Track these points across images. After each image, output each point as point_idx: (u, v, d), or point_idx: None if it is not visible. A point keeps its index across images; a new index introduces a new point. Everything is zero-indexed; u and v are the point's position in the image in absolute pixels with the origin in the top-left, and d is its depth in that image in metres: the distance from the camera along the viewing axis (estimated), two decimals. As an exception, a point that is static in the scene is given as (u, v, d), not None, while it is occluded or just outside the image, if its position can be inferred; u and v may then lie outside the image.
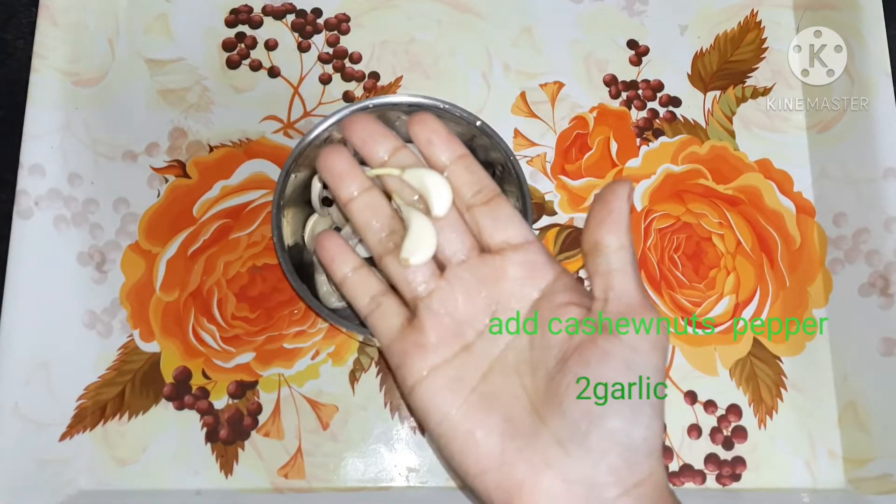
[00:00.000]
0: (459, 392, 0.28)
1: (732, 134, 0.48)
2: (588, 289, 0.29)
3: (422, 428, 0.42)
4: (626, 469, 0.26)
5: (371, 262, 0.32)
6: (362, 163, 0.32)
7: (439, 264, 0.30)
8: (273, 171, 0.46)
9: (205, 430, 0.42)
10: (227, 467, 0.42)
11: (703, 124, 0.48)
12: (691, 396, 0.44)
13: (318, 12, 0.49)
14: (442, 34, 0.49)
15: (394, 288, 0.31)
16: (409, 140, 0.32)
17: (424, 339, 0.29)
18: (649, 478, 0.26)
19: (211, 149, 0.46)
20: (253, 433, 0.42)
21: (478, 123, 0.40)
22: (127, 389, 0.42)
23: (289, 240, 0.41)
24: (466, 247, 0.30)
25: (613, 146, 0.47)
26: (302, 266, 0.42)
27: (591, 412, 0.26)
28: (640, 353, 0.26)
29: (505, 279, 0.29)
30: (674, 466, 0.43)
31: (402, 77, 0.48)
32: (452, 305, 0.29)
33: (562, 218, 0.46)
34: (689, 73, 0.49)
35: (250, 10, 0.49)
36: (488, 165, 0.40)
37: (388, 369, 0.40)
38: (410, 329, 0.29)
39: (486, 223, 0.30)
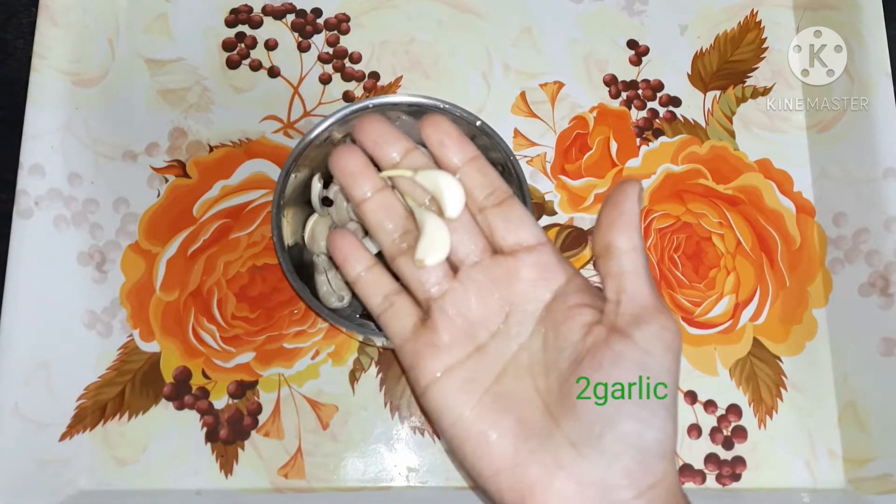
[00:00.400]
0: (473, 393, 0.28)
1: (732, 134, 0.48)
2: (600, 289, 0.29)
3: (434, 428, 0.42)
4: (639, 471, 0.26)
5: (379, 256, 0.32)
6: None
7: (452, 265, 0.30)
8: (273, 171, 0.46)
9: (205, 430, 0.42)
10: (227, 467, 0.42)
11: (703, 124, 0.48)
12: (691, 396, 0.44)
13: (318, 12, 0.49)
14: (442, 34, 0.49)
15: (406, 288, 0.31)
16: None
17: (438, 340, 0.29)
18: (662, 480, 0.26)
19: (211, 149, 0.46)
20: (253, 433, 0.42)
21: (478, 123, 0.40)
22: (127, 389, 0.42)
23: (289, 240, 0.41)
24: (479, 248, 0.30)
25: (613, 146, 0.47)
26: (302, 266, 0.42)
27: (604, 414, 0.26)
28: (653, 356, 0.26)
29: (518, 280, 0.29)
30: (674, 466, 0.43)
31: (402, 77, 0.48)
32: (465, 306, 0.29)
33: (562, 218, 0.46)
34: (689, 73, 0.49)
35: (250, 10, 0.49)
36: (488, 165, 0.40)
37: (401, 369, 0.40)
38: (423, 329, 0.29)
39: (499, 225, 0.30)
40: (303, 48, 0.48)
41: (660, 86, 0.48)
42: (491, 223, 0.30)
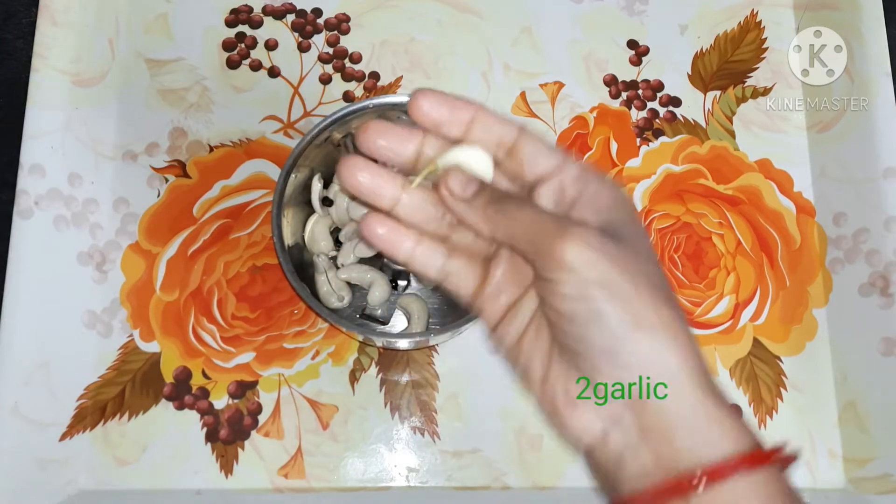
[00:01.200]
0: (523, 326, 0.29)
1: (732, 134, 0.48)
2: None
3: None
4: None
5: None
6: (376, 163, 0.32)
7: None
8: (273, 171, 0.46)
9: (205, 430, 0.42)
10: (227, 467, 0.42)
11: (703, 124, 0.48)
12: (691, 396, 0.44)
13: (318, 12, 0.49)
14: (442, 34, 0.49)
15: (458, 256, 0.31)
16: None
17: (493, 291, 0.30)
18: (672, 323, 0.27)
19: (211, 149, 0.46)
20: (253, 433, 0.42)
21: (478, 123, 0.40)
22: (127, 389, 0.42)
23: (289, 240, 0.41)
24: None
25: (613, 146, 0.47)
26: (302, 266, 0.42)
27: (605, 346, 0.26)
28: (604, 201, 0.27)
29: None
30: (674, 466, 0.43)
31: (402, 77, 0.48)
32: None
33: (562, 218, 0.46)
34: (689, 73, 0.49)
35: (250, 10, 0.49)
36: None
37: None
38: (483, 286, 0.30)
39: (527, 157, 0.30)
40: (303, 48, 0.48)
41: (660, 86, 0.48)
42: (514, 167, 0.30)
